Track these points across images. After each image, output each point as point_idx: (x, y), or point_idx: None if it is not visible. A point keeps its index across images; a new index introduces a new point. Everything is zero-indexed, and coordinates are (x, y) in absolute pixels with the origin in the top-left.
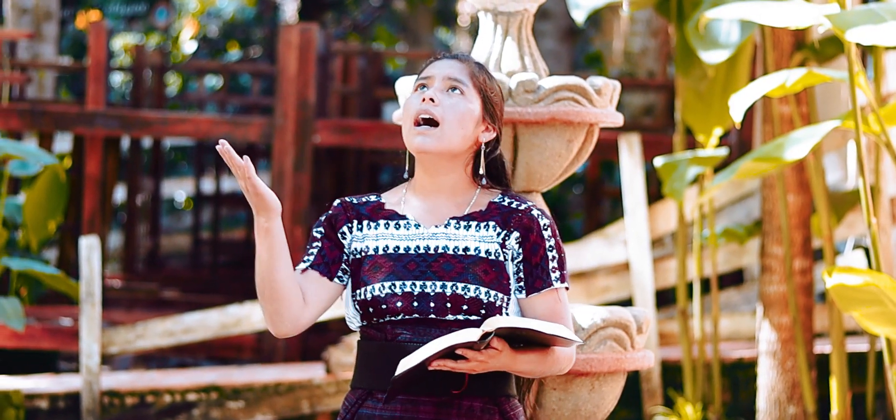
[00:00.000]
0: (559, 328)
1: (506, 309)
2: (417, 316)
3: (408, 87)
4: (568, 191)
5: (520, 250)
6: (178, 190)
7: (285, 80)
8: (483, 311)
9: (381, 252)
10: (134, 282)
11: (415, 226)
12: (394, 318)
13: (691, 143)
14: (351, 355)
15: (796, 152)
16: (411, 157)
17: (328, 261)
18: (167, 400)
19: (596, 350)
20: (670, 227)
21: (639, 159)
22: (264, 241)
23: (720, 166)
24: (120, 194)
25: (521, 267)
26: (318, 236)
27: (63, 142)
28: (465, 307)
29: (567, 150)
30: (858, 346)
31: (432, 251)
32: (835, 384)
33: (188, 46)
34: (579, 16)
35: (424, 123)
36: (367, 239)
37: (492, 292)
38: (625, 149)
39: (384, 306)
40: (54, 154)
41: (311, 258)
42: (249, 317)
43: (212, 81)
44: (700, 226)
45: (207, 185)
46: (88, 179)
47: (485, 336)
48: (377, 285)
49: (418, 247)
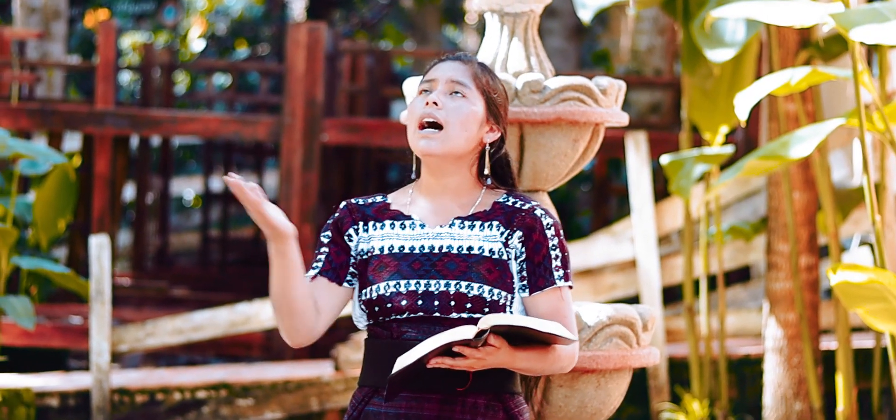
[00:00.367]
0: (556, 327)
1: (509, 307)
2: (422, 314)
3: (414, 88)
4: (575, 188)
5: (523, 249)
6: (186, 188)
7: (293, 79)
8: (486, 310)
9: (386, 252)
10: (143, 280)
11: (420, 226)
12: (399, 316)
13: (698, 141)
14: (359, 353)
15: (801, 150)
16: (418, 158)
17: (336, 266)
18: (177, 398)
19: (602, 347)
20: (677, 225)
21: (645, 157)
22: (280, 263)
23: (726, 164)
24: (129, 193)
25: (523, 266)
26: (326, 241)
27: (72, 141)
28: (468, 306)
29: (573, 149)
30: (864, 342)
31: (437, 250)
32: (841, 380)
33: (196, 45)
34: (585, 15)
35: (428, 127)
36: (372, 239)
37: (495, 291)
38: (631, 147)
39: (389, 305)
40: (64, 153)
41: (320, 265)
42: (258, 315)
43: (220, 80)
44: (706, 223)
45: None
46: (98, 178)
47: (481, 333)
48: (382, 284)
49: (423, 246)
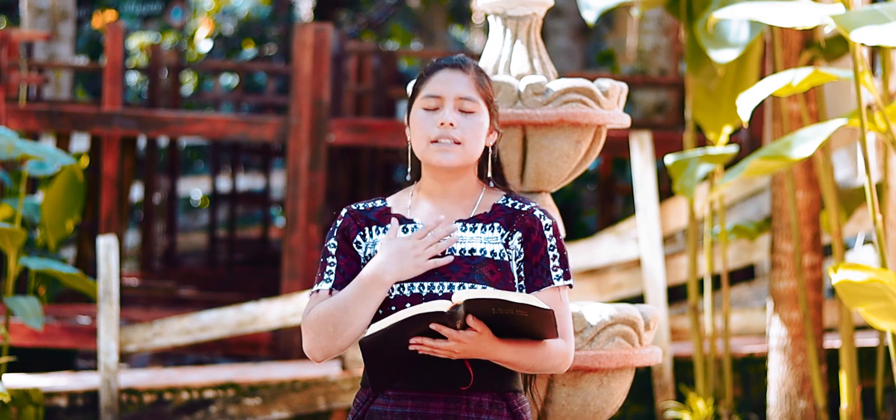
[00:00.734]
0: (531, 298)
1: None
2: None
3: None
4: (581, 188)
5: (521, 250)
6: (194, 188)
7: (300, 80)
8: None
9: None
10: (151, 280)
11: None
12: None
13: (702, 141)
14: None
15: (803, 150)
16: (415, 162)
17: (349, 277)
18: (185, 397)
19: (604, 347)
20: (681, 224)
21: (650, 157)
22: (375, 301)
23: (730, 163)
24: (136, 193)
25: (522, 266)
26: (333, 252)
27: (80, 142)
28: None
29: (575, 150)
30: (868, 340)
31: (440, 253)
32: (844, 379)
33: (203, 45)
34: (590, 16)
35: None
36: (378, 244)
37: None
38: (636, 146)
39: (394, 307)
40: (71, 154)
41: (332, 278)
42: (265, 315)
43: (227, 80)
44: (711, 222)
45: (223, 184)
46: (105, 179)
47: (455, 307)
48: None
49: None
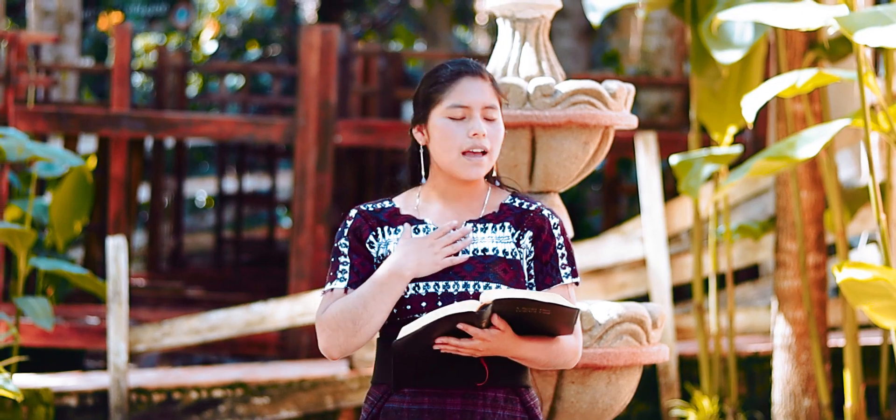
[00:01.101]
0: (556, 297)
1: None
2: None
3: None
4: (586, 188)
5: (532, 248)
6: (200, 189)
7: (307, 82)
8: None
9: None
10: (158, 280)
11: (434, 230)
12: (418, 316)
13: (706, 141)
14: (374, 351)
15: (807, 151)
16: (426, 163)
17: (363, 276)
18: (194, 397)
19: (613, 345)
20: (686, 224)
21: (655, 157)
22: (393, 299)
23: (735, 163)
24: (144, 194)
25: (532, 264)
26: (346, 251)
27: (88, 143)
28: None
29: (583, 151)
30: (872, 339)
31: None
32: (849, 377)
33: (208, 46)
34: (595, 18)
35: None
36: (390, 245)
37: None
38: (641, 147)
39: (409, 306)
40: (79, 155)
41: (347, 277)
42: (273, 314)
43: (232, 81)
44: (715, 222)
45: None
46: (113, 180)
47: (484, 308)
48: None
49: None
